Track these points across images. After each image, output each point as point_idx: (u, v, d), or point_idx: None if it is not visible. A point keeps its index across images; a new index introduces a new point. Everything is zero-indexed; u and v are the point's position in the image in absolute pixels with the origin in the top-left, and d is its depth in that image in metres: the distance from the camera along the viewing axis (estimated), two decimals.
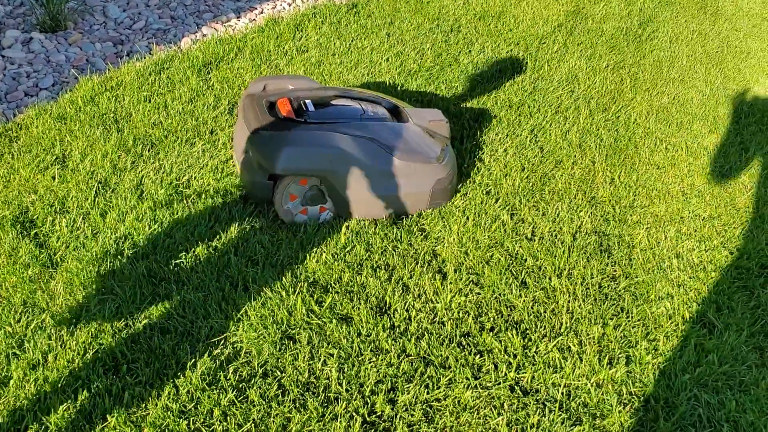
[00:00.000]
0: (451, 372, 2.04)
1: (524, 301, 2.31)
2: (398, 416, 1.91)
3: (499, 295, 2.32)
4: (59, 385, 1.90)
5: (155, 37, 3.88)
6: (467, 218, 2.62)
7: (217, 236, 2.44)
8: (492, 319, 2.24)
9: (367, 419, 1.90)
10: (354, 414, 1.90)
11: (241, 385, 1.95)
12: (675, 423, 1.97)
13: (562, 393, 2.03)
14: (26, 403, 1.84)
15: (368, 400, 1.95)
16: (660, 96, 3.72)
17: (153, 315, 2.13)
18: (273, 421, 1.85)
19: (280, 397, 1.93)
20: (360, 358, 2.06)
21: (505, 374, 2.05)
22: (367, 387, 1.98)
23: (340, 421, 1.87)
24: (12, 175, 2.65)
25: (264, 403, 1.90)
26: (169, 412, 1.85)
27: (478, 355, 2.11)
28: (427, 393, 1.98)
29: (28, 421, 1.80)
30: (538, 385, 2.05)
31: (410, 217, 2.62)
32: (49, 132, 2.90)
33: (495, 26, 4.22)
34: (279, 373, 2.00)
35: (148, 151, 2.83)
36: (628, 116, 3.48)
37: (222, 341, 2.08)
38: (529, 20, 4.35)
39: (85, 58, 3.60)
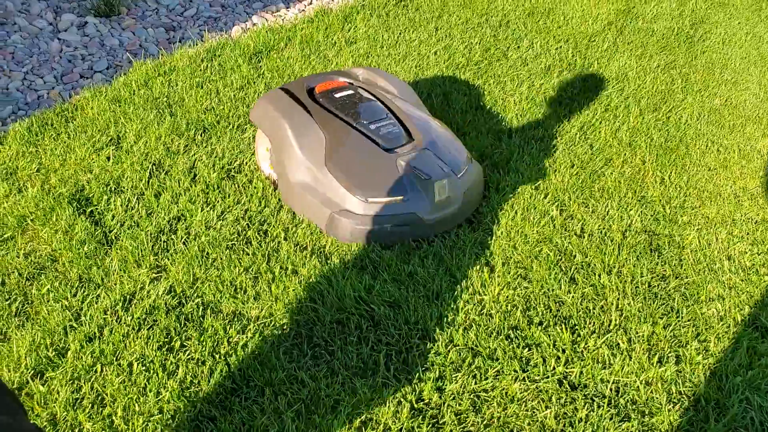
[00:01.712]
0: (499, 364, 2.04)
1: (573, 297, 2.29)
2: (446, 404, 1.92)
3: (548, 290, 2.31)
4: (115, 358, 1.94)
5: (206, 25, 3.94)
6: (515, 212, 2.61)
7: (267, 221, 2.47)
8: (540, 313, 2.22)
9: (415, 406, 1.91)
10: (402, 400, 1.91)
11: (290, 366, 1.97)
12: (726, 425, 1.94)
13: (611, 389, 2.01)
14: (83, 374, 1.88)
15: (416, 387, 1.95)
16: (712, 98, 3.66)
17: (205, 294, 2.17)
18: (322, 403, 1.87)
19: (329, 379, 1.94)
20: (407, 346, 2.07)
21: (554, 368, 2.04)
22: (415, 374, 1.99)
23: (389, 406, 1.88)
24: (68, 154, 2.71)
25: (314, 384, 1.92)
26: (221, 389, 1.88)
27: (527, 349, 2.10)
28: (475, 383, 1.98)
29: (85, 391, 1.84)
30: (586, 380, 2.03)
31: None
32: (104, 113, 2.96)
33: (544, 23, 4.19)
34: (328, 356, 2.02)
35: (201, 135, 2.87)
36: (679, 117, 3.43)
37: (272, 322, 2.10)
38: (579, 18, 4.30)
39: (139, 42, 3.67)
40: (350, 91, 2.65)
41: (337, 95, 2.62)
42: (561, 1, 4.52)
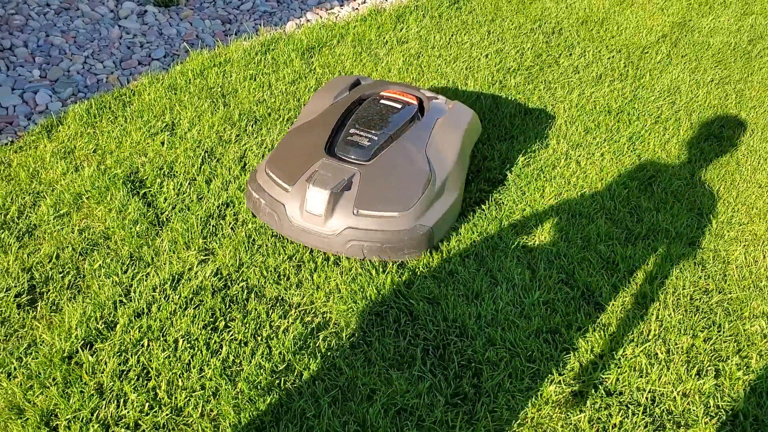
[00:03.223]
0: (536, 365, 2.05)
1: (614, 304, 2.28)
2: (480, 401, 1.93)
3: (589, 296, 2.31)
4: (161, 334, 2.00)
5: (262, 19, 4.01)
6: (560, 217, 2.61)
7: None
8: (580, 318, 2.22)
9: (449, 401, 1.93)
10: (437, 393, 1.93)
11: (329, 353, 2.00)
12: None
13: (647, 398, 2.00)
14: (131, 348, 1.95)
15: (452, 383, 1.97)
16: (766, 115, 3.59)
17: (250, 279, 2.22)
18: (359, 391, 1.90)
19: (366, 368, 1.97)
20: (445, 342, 2.09)
21: (590, 373, 2.04)
22: (451, 370, 2.01)
23: (423, 399, 1.90)
24: (124, 137, 2.80)
25: (351, 372, 1.95)
26: (261, 370, 1.92)
27: (564, 353, 2.10)
28: (511, 383, 1.99)
29: (132, 363, 1.91)
30: (622, 387, 2.03)
31: (501, 210, 2.62)
32: (160, 100, 3.04)
33: (597, 32, 4.16)
34: (365, 346, 2.05)
35: (252, 126, 2.93)
36: (731, 132, 3.38)
37: (312, 310, 2.14)
38: (633, 28, 4.27)
39: (195, 33, 3.75)
40: (398, 105, 2.65)
41: (383, 102, 2.67)
42: (615, 11, 4.49)
